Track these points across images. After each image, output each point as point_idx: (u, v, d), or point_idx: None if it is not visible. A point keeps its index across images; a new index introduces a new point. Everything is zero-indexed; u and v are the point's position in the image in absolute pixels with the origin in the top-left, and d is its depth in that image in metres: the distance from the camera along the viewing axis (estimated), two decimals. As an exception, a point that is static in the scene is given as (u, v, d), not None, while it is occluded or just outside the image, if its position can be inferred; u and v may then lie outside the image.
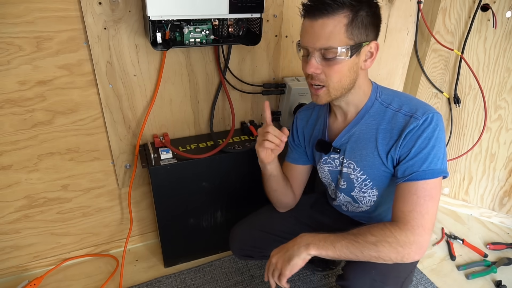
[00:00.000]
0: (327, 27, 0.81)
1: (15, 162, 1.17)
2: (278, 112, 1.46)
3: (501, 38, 1.46)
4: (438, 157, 0.85)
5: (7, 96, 1.07)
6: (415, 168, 0.85)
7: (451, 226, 1.71)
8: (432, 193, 0.84)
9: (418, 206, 0.83)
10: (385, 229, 0.82)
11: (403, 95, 0.94)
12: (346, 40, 0.81)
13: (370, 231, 0.83)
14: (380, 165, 0.93)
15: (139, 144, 1.28)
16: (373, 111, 0.93)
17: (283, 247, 0.89)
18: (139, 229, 1.50)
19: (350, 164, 0.99)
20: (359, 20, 0.81)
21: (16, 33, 1.00)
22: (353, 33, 0.81)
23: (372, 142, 0.93)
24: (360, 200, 1.04)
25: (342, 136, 0.98)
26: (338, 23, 0.80)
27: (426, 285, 1.38)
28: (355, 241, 0.82)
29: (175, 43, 1.12)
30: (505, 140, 1.61)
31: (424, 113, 0.86)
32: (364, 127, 0.94)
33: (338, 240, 0.83)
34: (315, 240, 0.85)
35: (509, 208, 1.71)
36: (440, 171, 0.85)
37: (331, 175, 1.07)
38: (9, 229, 1.27)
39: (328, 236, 0.85)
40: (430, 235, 0.83)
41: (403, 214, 0.83)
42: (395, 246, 0.80)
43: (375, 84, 0.96)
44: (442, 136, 0.86)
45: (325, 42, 0.82)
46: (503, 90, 1.54)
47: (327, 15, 0.80)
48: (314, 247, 0.84)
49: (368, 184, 0.99)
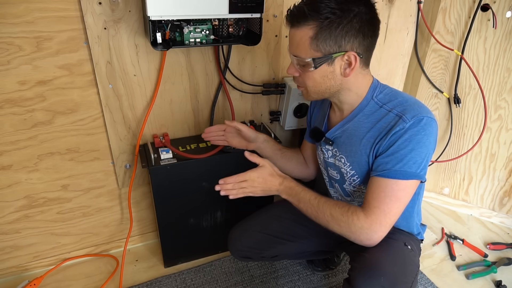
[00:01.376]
0: (295, 37, 0.87)
1: (15, 162, 1.17)
2: (278, 112, 1.46)
3: (501, 38, 1.46)
4: (415, 160, 0.85)
5: (7, 96, 1.07)
6: (388, 165, 0.87)
7: (451, 226, 1.71)
8: (399, 194, 0.86)
9: (383, 205, 0.86)
10: (344, 214, 0.88)
11: (402, 95, 0.93)
12: (312, 52, 0.85)
13: (331, 210, 0.90)
14: (366, 163, 0.95)
15: (139, 144, 1.28)
16: (368, 110, 0.94)
17: (265, 182, 0.99)
18: (139, 229, 1.50)
19: (341, 158, 1.01)
20: (327, 33, 0.82)
21: (16, 33, 1.00)
22: (319, 45, 0.84)
23: (361, 140, 0.94)
24: (351, 193, 1.06)
25: (335, 129, 1.00)
26: (304, 35, 0.84)
27: (426, 285, 1.38)
28: (315, 210, 0.93)
29: (175, 43, 1.12)
30: (505, 140, 1.61)
31: (414, 116, 0.86)
32: (356, 125, 0.95)
33: (304, 201, 0.95)
34: (290, 190, 0.97)
35: (509, 208, 1.71)
36: (413, 174, 0.85)
37: (324, 163, 1.10)
38: (9, 229, 1.27)
39: (299, 192, 0.96)
40: (386, 233, 0.88)
41: (369, 207, 0.87)
42: (344, 231, 0.89)
43: (376, 83, 0.96)
44: (425, 141, 0.85)
45: (294, 50, 0.89)
46: (503, 90, 1.54)
47: (296, 25, 0.85)
48: (285, 194, 0.98)
49: (356, 180, 1.00)
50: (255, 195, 1.00)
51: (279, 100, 1.46)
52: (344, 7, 0.81)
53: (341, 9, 0.81)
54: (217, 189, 1.00)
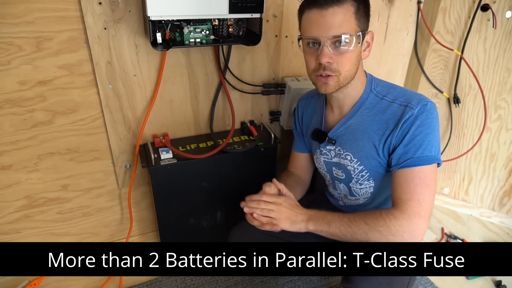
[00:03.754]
0: (338, 15, 0.83)
1: (15, 162, 1.17)
2: (278, 112, 1.46)
3: (501, 38, 1.47)
4: (432, 144, 0.86)
5: (7, 96, 1.07)
6: (409, 154, 0.86)
7: (451, 226, 1.71)
8: (427, 181, 0.85)
9: (416, 195, 0.84)
10: (379, 218, 0.84)
11: (397, 87, 0.96)
12: (356, 27, 0.85)
13: (365, 219, 0.85)
14: (376, 155, 0.95)
15: (139, 144, 1.28)
16: (368, 103, 0.95)
17: (292, 209, 0.93)
18: (139, 229, 1.50)
19: (347, 156, 1.00)
20: (362, 9, 0.86)
21: (16, 33, 1.00)
22: (360, 20, 0.86)
23: (368, 133, 0.94)
24: (357, 192, 1.05)
25: (338, 128, 1.00)
26: (347, 11, 0.84)
27: (426, 285, 1.38)
28: (348, 225, 0.86)
29: (175, 43, 1.12)
30: (505, 140, 1.61)
31: (419, 102, 0.88)
32: (359, 119, 0.96)
33: (334, 221, 0.88)
34: (315, 217, 0.90)
35: (509, 208, 1.71)
36: (434, 158, 0.86)
37: (326, 166, 1.09)
38: (9, 229, 1.27)
39: (326, 215, 0.90)
40: (427, 224, 0.85)
41: (402, 202, 0.85)
42: (385, 235, 0.83)
43: (370, 75, 0.98)
44: (435, 124, 0.88)
45: (338, 30, 0.84)
46: (503, 90, 1.54)
47: (337, 3, 0.83)
48: (312, 223, 0.89)
49: (364, 175, 1.00)
50: (279, 223, 0.91)
51: (279, 100, 1.46)
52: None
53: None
54: (241, 205, 0.95)
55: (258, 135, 1.37)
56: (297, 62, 1.42)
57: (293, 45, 1.38)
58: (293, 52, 1.39)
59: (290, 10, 1.30)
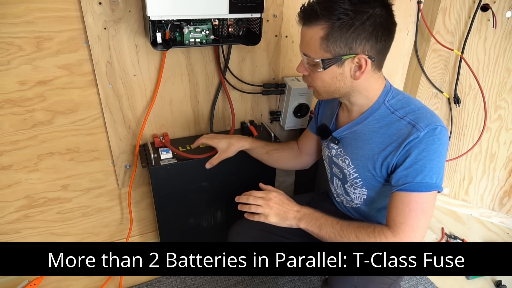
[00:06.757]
0: (306, 35, 0.85)
1: (15, 162, 1.17)
2: (278, 112, 1.47)
3: (501, 38, 1.47)
4: (434, 171, 0.83)
5: (7, 96, 1.07)
6: (409, 178, 0.84)
7: (451, 226, 1.71)
8: (424, 207, 0.83)
9: (410, 219, 0.83)
10: (371, 235, 0.84)
11: (413, 102, 0.90)
12: (322, 52, 0.83)
13: (356, 232, 0.86)
14: (372, 169, 0.93)
15: (139, 144, 1.28)
16: (378, 115, 0.92)
17: (283, 205, 0.94)
18: (139, 229, 1.50)
19: (345, 159, 1.00)
20: (338, 34, 0.80)
21: (16, 33, 1.00)
22: (329, 46, 0.81)
23: (370, 144, 0.92)
24: (351, 195, 1.05)
25: (343, 130, 0.99)
26: (314, 34, 0.82)
27: (426, 285, 1.38)
28: (339, 234, 0.87)
29: (175, 43, 1.12)
30: (505, 140, 1.61)
31: (428, 125, 0.83)
32: (366, 128, 0.94)
33: (326, 226, 0.89)
34: (308, 217, 0.92)
35: (509, 208, 1.71)
36: (434, 185, 0.83)
37: (328, 160, 1.09)
38: (9, 229, 1.27)
39: (319, 218, 0.91)
40: None
41: (395, 224, 0.84)
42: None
43: (389, 87, 0.93)
44: (441, 150, 0.84)
45: (304, 49, 0.87)
46: (503, 90, 1.54)
47: (307, 24, 0.83)
48: (304, 222, 0.91)
49: (358, 183, 0.99)
50: (268, 218, 0.93)
51: (279, 100, 1.46)
52: (358, 9, 0.78)
53: (355, 10, 0.78)
54: (236, 200, 0.99)
55: (258, 135, 1.37)
56: (297, 62, 1.41)
57: (293, 45, 1.38)
58: (293, 52, 1.39)
59: (290, 10, 1.30)
